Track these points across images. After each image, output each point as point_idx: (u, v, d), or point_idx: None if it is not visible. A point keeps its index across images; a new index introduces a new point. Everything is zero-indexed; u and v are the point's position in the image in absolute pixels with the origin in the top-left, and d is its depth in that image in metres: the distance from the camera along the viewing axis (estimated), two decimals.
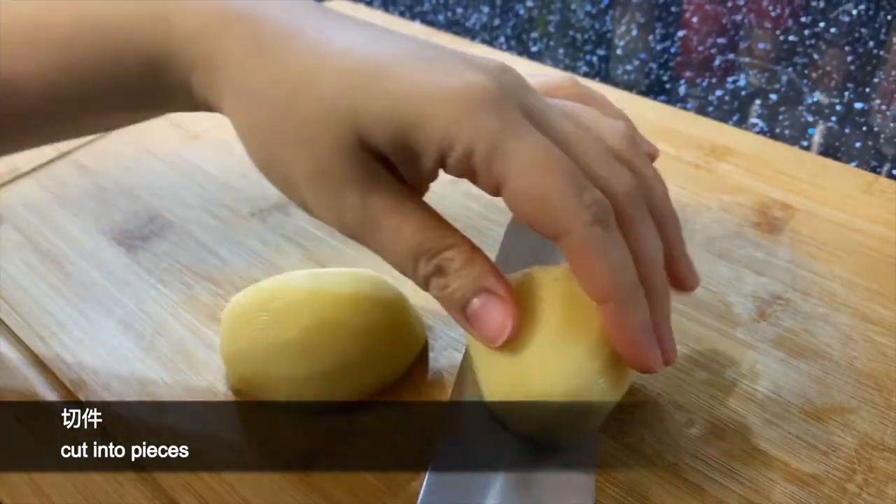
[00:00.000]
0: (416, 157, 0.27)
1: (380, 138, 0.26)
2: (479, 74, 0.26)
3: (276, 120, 0.27)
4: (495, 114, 0.25)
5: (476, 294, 0.27)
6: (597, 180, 0.26)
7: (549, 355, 0.28)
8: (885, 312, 0.37)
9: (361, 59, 0.27)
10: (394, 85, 0.26)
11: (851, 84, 0.58)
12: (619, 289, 0.27)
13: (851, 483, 0.30)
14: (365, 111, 0.26)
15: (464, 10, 0.72)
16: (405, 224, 0.27)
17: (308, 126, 0.27)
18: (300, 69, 0.27)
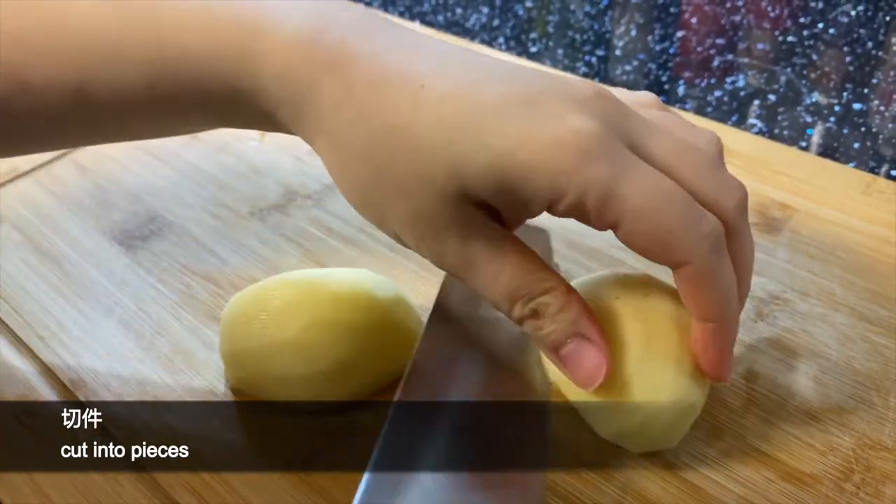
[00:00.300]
0: (522, 205, 0.27)
1: (483, 191, 0.26)
2: (581, 117, 0.25)
3: (373, 174, 0.28)
4: (604, 159, 0.25)
5: (570, 338, 0.28)
6: (707, 201, 0.27)
7: (645, 370, 0.29)
8: (883, 312, 0.37)
9: (459, 108, 0.26)
10: (496, 139, 0.25)
11: (850, 85, 0.58)
12: (726, 312, 0.28)
13: (849, 483, 0.30)
14: (468, 166, 0.26)
15: (463, 11, 0.73)
16: (503, 268, 0.28)
17: (408, 181, 0.27)
18: (396, 124, 0.27)
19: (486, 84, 0.27)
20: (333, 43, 0.28)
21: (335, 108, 0.27)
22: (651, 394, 0.29)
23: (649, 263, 0.36)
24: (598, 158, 0.25)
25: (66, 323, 0.39)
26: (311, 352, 0.33)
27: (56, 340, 0.38)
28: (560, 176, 0.25)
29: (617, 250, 0.42)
